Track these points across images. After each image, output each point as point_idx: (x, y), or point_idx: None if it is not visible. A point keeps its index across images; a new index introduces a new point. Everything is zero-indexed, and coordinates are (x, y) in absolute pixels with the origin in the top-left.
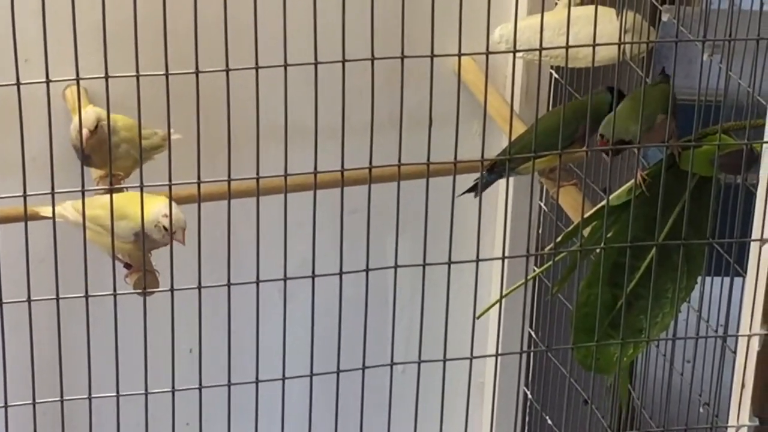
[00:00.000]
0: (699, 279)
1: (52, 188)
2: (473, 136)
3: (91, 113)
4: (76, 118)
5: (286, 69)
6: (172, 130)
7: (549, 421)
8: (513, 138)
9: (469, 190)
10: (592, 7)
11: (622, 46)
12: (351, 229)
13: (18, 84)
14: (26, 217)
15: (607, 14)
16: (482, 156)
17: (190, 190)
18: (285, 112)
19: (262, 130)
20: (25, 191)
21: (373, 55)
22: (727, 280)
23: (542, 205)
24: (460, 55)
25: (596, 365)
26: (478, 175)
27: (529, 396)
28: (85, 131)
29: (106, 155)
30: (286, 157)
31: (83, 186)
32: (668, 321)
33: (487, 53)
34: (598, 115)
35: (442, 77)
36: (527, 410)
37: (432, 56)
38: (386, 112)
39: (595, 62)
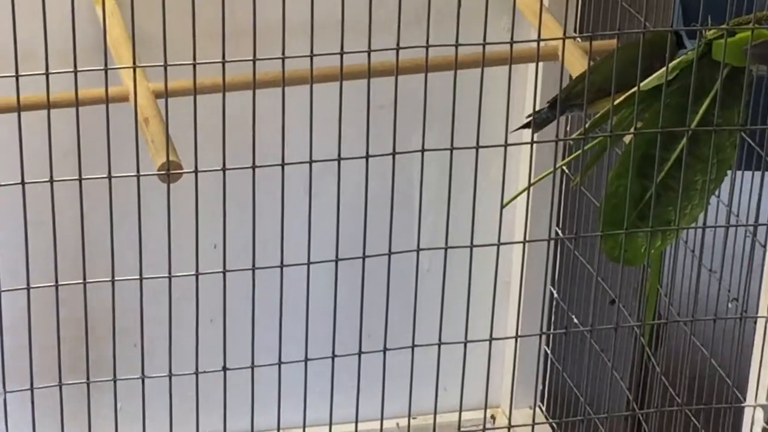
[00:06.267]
0: (729, 172)
1: (75, 66)
2: (502, 31)
3: None
4: None
5: None
6: None
7: (575, 320)
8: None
9: (524, 126)
10: None
11: None
12: (378, 125)
13: None
14: (48, 97)
15: None
16: (511, 40)
17: (214, 79)
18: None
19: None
20: (47, 69)
21: None
22: (758, 174)
23: None
24: None
25: (624, 257)
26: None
27: (555, 295)
28: None
29: None
30: (312, 41)
31: (105, 65)
32: (697, 213)
33: None
34: (664, 54)
35: None
36: (552, 309)
37: None
38: (412, 10)
39: None
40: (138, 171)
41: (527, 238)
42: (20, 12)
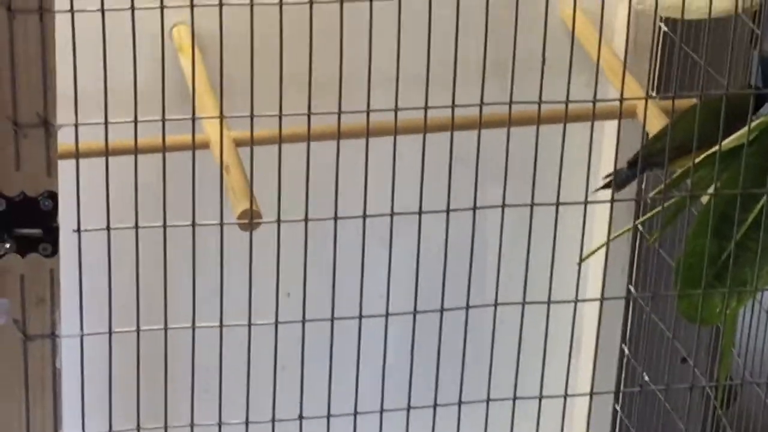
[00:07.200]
0: None
1: (163, 115)
2: (581, 87)
3: None
4: None
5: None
6: None
7: (646, 378)
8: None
9: (605, 186)
10: None
11: None
12: (453, 180)
13: (132, 8)
14: (136, 144)
15: None
16: (594, 98)
17: (299, 128)
18: (397, 56)
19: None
20: (135, 116)
21: None
22: None
23: None
24: None
25: (700, 316)
26: (588, 123)
27: (626, 352)
28: None
29: None
30: (397, 95)
31: (193, 114)
32: None
33: None
34: (744, 113)
35: (550, 26)
36: (623, 368)
37: None
38: (492, 59)
39: (709, 14)
40: (222, 219)
41: (600, 295)
42: (109, 59)
